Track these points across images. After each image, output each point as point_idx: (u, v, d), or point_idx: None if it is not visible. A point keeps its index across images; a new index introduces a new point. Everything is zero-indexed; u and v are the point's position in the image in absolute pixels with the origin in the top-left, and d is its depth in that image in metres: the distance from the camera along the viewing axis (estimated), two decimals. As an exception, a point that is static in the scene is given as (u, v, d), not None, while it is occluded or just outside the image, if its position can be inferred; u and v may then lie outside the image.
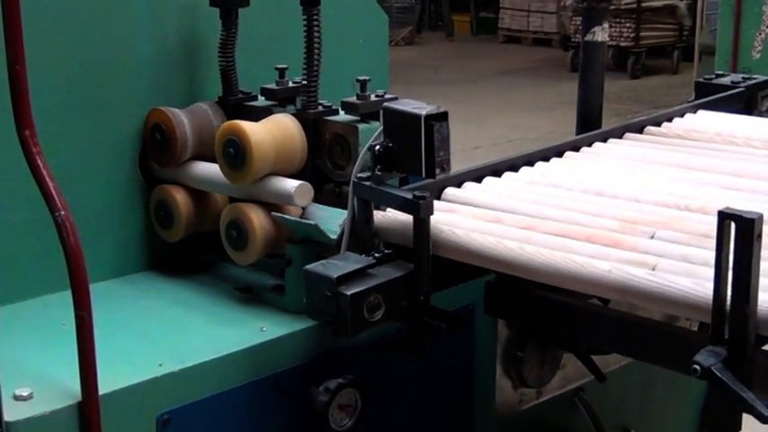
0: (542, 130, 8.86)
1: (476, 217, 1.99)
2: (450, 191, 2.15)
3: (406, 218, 1.89)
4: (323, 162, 2.28)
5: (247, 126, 2.17)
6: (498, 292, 2.11)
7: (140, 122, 2.40)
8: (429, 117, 1.84)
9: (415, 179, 2.08)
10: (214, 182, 2.29)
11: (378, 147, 1.90)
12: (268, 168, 2.19)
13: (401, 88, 2.93)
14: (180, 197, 2.37)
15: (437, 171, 1.86)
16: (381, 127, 1.93)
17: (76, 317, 1.75)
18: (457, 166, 2.07)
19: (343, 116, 2.28)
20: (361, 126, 2.20)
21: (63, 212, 1.74)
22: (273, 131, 2.21)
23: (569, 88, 9.82)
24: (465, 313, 2.30)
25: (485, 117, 9.40)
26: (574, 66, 11.56)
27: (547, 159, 2.39)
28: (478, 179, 2.23)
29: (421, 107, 1.87)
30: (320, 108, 2.29)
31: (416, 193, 1.84)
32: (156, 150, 2.39)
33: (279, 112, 2.36)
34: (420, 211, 1.83)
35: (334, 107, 2.30)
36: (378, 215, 1.95)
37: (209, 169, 2.33)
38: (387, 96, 2.24)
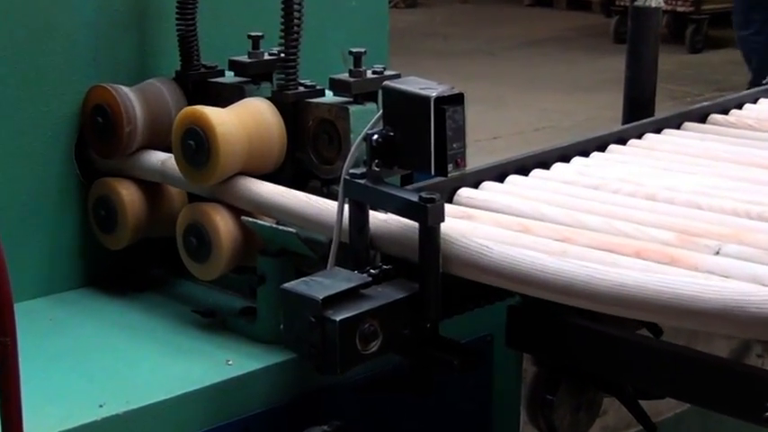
0: (578, 116, 8.87)
1: (497, 225, 2.01)
2: (464, 192, 2.17)
3: (409, 225, 1.91)
4: (306, 155, 2.29)
5: (212, 113, 2.19)
6: (524, 320, 2.12)
7: (78, 103, 2.42)
8: (440, 100, 1.85)
9: (421, 177, 2.10)
10: (170, 174, 2.31)
11: (375, 136, 1.91)
12: (238, 166, 2.21)
13: (401, 62, 2.95)
14: (126, 193, 2.39)
15: (449, 167, 1.87)
16: (380, 111, 1.94)
17: (-3, 345, 1.76)
18: (472, 161, 2.08)
19: (330, 97, 2.29)
20: (354, 109, 2.22)
21: (-18, 214, 1.75)
22: (245, 120, 2.23)
23: (613, 64, 9.79)
24: (481, 346, 2.32)
25: (506, 99, 9.42)
26: (618, 36, 11.55)
27: (586, 154, 2.41)
28: (500, 178, 2.25)
29: (430, 87, 1.88)
30: (302, 88, 2.30)
31: (423, 194, 1.85)
32: (98, 138, 2.41)
33: (251, 90, 2.38)
34: (428, 216, 1.84)
35: (319, 86, 2.31)
36: (374, 220, 1.97)
37: (164, 160, 2.34)
38: (387, 73, 2.26)
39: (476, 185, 2.20)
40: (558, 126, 8.66)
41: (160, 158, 2.36)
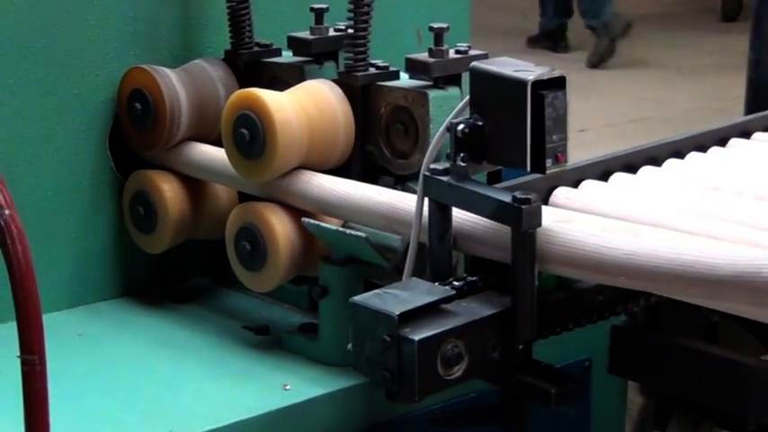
0: (682, 105, 8.80)
1: (603, 231, 1.99)
2: (562, 192, 2.14)
3: (499, 228, 1.90)
4: (377, 147, 2.29)
5: (269, 97, 2.19)
6: (629, 342, 2.10)
7: (113, 86, 2.43)
8: (539, 84, 1.83)
9: (512, 173, 2.08)
10: (220, 171, 2.31)
11: (461, 126, 1.89)
12: (298, 159, 2.21)
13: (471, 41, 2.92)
14: (167, 188, 2.40)
15: (548, 163, 1.85)
16: (466, 97, 1.93)
17: (23, 364, 1.76)
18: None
19: (406, 80, 2.28)
20: (434, 94, 2.21)
21: (8, 212, 1.75)
22: (307, 106, 2.22)
23: (721, 45, 9.69)
24: (578, 372, 2.30)
25: (595, 85, 9.37)
26: (726, 13, 11.48)
27: (704, 149, 2.38)
28: (604, 176, 2.22)
29: (526, 69, 1.86)
30: (373, 69, 2.30)
31: (517, 194, 1.84)
32: (136, 128, 2.42)
33: (313, 71, 2.38)
34: (522, 220, 1.83)
35: (393, 68, 2.31)
36: (457, 215, 1.95)
37: (212, 154, 2.35)
38: (473, 53, 2.24)
39: (575, 184, 2.18)
40: (656, 117, 8.59)
41: (207, 151, 2.37)
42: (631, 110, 8.89)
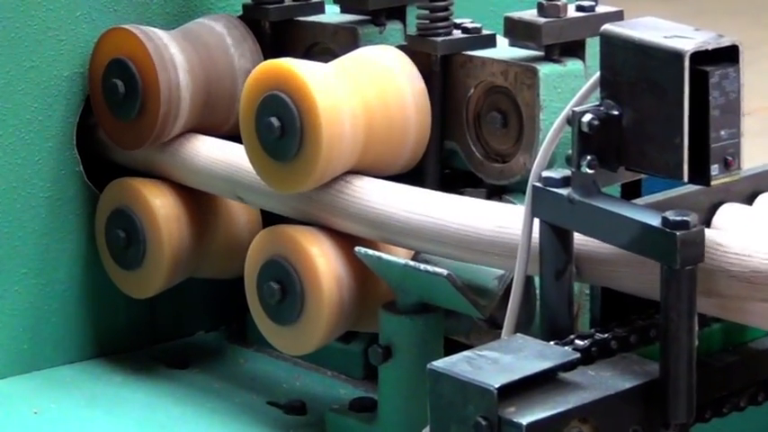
0: None
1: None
2: (731, 210, 2.15)
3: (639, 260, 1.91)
4: (463, 145, 2.31)
5: (308, 72, 2.20)
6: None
7: (84, 56, 2.46)
8: (701, 56, 1.84)
9: (659, 184, 2.09)
10: (236, 178, 2.34)
11: (588, 116, 1.90)
12: (350, 161, 2.23)
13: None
14: (161, 203, 2.42)
15: (714, 170, 1.86)
16: (596, 75, 1.94)
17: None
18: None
19: (506, 50, 2.30)
20: (547, 70, 2.23)
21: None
22: (362, 84, 2.25)
23: None
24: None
25: (759, 47, 9.37)
26: None
27: None
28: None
29: (682, 35, 1.87)
30: (458, 33, 2.31)
31: (670, 215, 1.84)
32: (116, 115, 2.44)
33: (371, 36, 2.41)
34: (677, 253, 1.84)
35: (487, 31, 2.32)
36: (580, 243, 1.97)
37: (225, 153, 2.37)
38: (601, 10, 2.26)
39: (749, 199, 2.19)
40: None
41: (218, 149, 2.39)
42: (815, 84, 8.89)
